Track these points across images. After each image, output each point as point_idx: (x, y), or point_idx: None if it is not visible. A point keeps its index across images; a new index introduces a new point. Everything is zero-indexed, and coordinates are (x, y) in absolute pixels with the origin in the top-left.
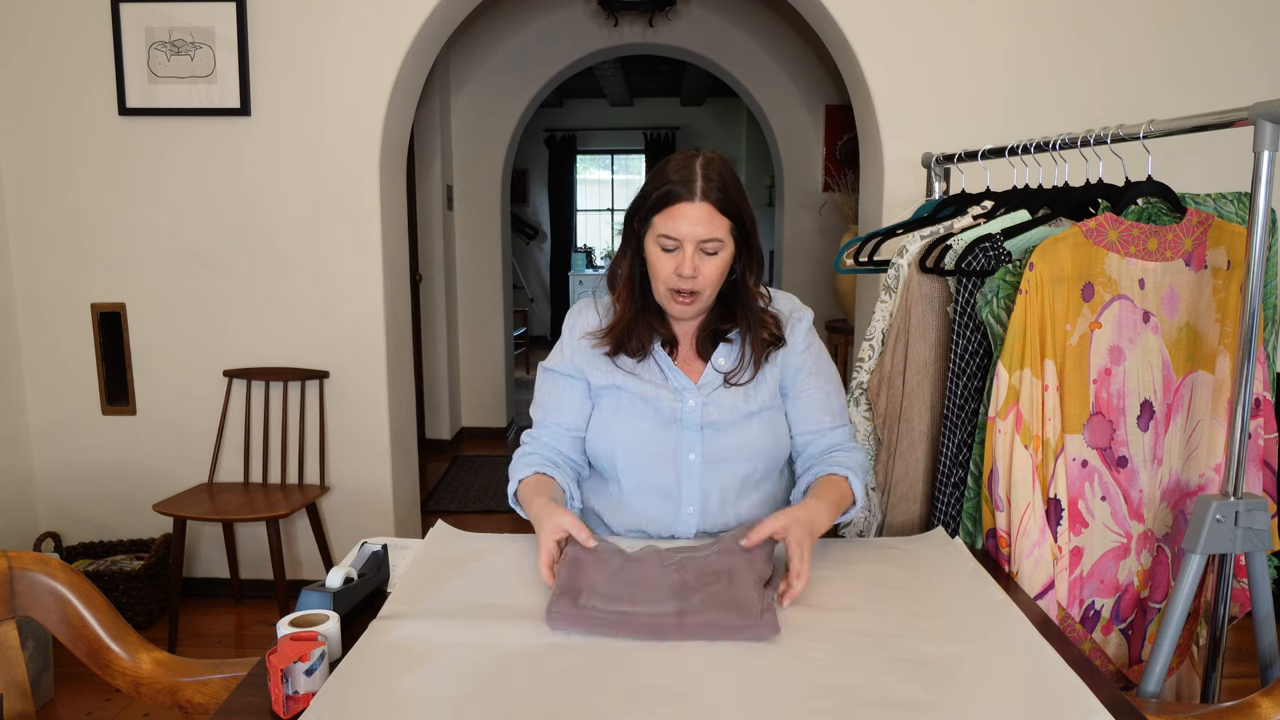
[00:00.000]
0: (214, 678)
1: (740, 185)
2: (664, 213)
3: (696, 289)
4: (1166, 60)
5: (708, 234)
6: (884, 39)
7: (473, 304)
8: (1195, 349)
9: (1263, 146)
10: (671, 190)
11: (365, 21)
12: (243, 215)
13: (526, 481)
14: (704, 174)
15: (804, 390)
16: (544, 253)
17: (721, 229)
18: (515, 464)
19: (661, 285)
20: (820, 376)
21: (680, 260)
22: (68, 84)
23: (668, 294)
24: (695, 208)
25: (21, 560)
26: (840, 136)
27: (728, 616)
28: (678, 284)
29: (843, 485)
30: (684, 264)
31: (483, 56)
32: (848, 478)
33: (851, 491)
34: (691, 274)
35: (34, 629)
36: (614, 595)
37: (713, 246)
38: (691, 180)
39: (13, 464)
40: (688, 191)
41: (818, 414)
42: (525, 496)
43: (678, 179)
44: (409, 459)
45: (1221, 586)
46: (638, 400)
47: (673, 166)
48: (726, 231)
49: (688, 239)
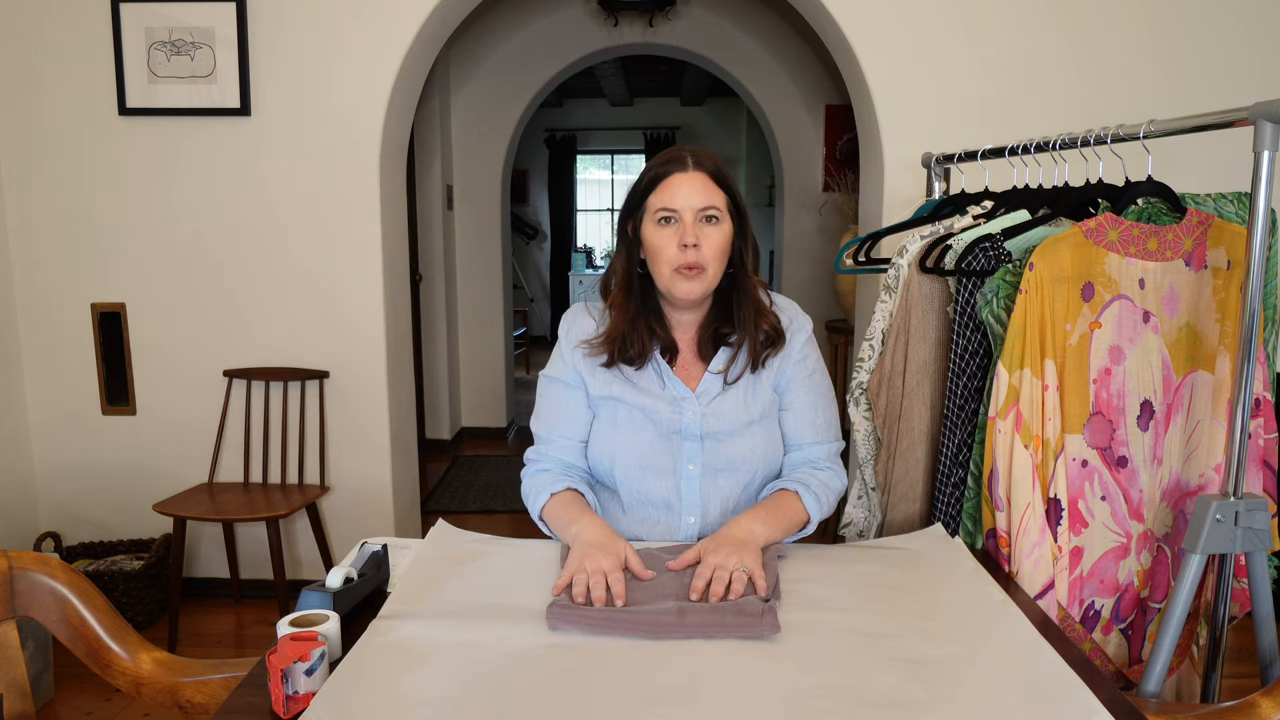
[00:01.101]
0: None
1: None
2: (659, 189)
3: (701, 261)
4: (1166, 60)
5: (705, 201)
6: (884, 39)
7: (473, 304)
8: (1195, 349)
9: (1263, 146)
10: (664, 169)
11: (365, 21)
12: (243, 215)
13: (559, 496)
14: (693, 153)
15: (792, 402)
16: (544, 253)
17: (718, 199)
18: (532, 481)
19: (665, 265)
20: (812, 391)
21: (682, 231)
22: (68, 84)
23: (672, 275)
24: (690, 176)
25: (21, 560)
26: (840, 136)
27: (728, 615)
28: (681, 258)
29: (790, 500)
30: (686, 233)
31: (483, 56)
32: (798, 492)
33: (802, 506)
34: (694, 242)
35: (34, 629)
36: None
37: (712, 213)
38: (682, 158)
39: (13, 464)
40: (680, 166)
41: (801, 428)
42: (559, 512)
43: (667, 160)
44: (409, 459)
45: (1221, 586)
46: (636, 412)
47: (660, 157)
48: (724, 204)
49: (685, 208)
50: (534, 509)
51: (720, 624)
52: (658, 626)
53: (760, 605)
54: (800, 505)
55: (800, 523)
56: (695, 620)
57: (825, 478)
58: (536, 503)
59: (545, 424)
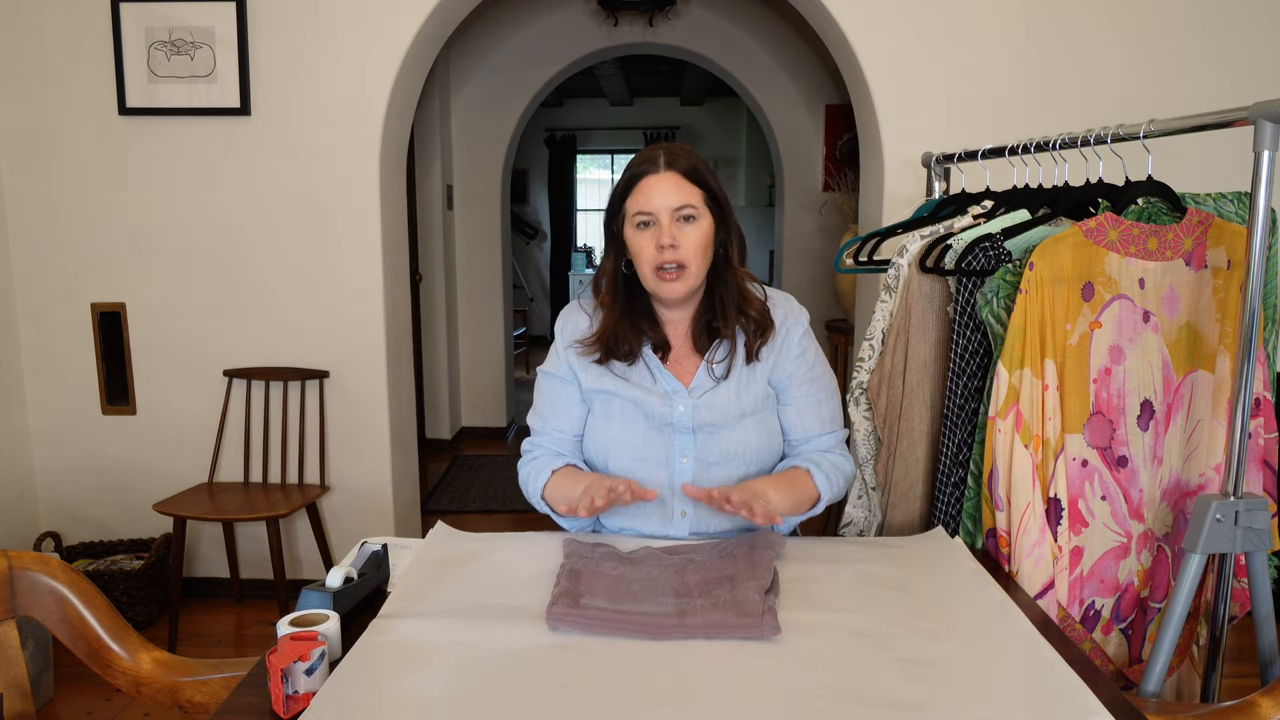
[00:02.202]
0: (214, 677)
1: (709, 165)
2: (634, 193)
3: (680, 260)
4: (1166, 60)
5: (679, 200)
6: (884, 39)
7: (473, 304)
8: (1195, 349)
9: (1263, 146)
10: (636, 171)
11: (365, 21)
12: (243, 215)
13: (560, 472)
14: (666, 152)
15: (795, 397)
16: (544, 252)
17: (694, 196)
18: (529, 467)
19: (646, 267)
20: (814, 384)
21: (659, 233)
22: (68, 84)
23: (654, 277)
24: (662, 178)
25: (21, 560)
26: (840, 136)
27: (729, 616)
28: (659, 258)
29: (802, 476)
30: (662, 234)
31: (483, 56)
32: (810, 470)
33: (813, 484)
34: (671, 243)
35: (34, 629)
36: (615, 596)
37: (688, 212)
38: (655, 158)
39: (13, 464)
40: (653, 166)
41: (807, 422)
42: (562, 483)
43: (641, 161)
44: (409, 459)
45: (1221, 586)
46: (629, 405)
47: (637, 158)
48: (700, 200)
49: (661, 210)
50: (535, 491)
51: (720, 625)
52: (658, 629)
53: (761, 605)
54: (811, 484)
55: (811, 500)
56: (696, 621)
57: (835, 460)
58: (537, 483)
59: (540, 417)
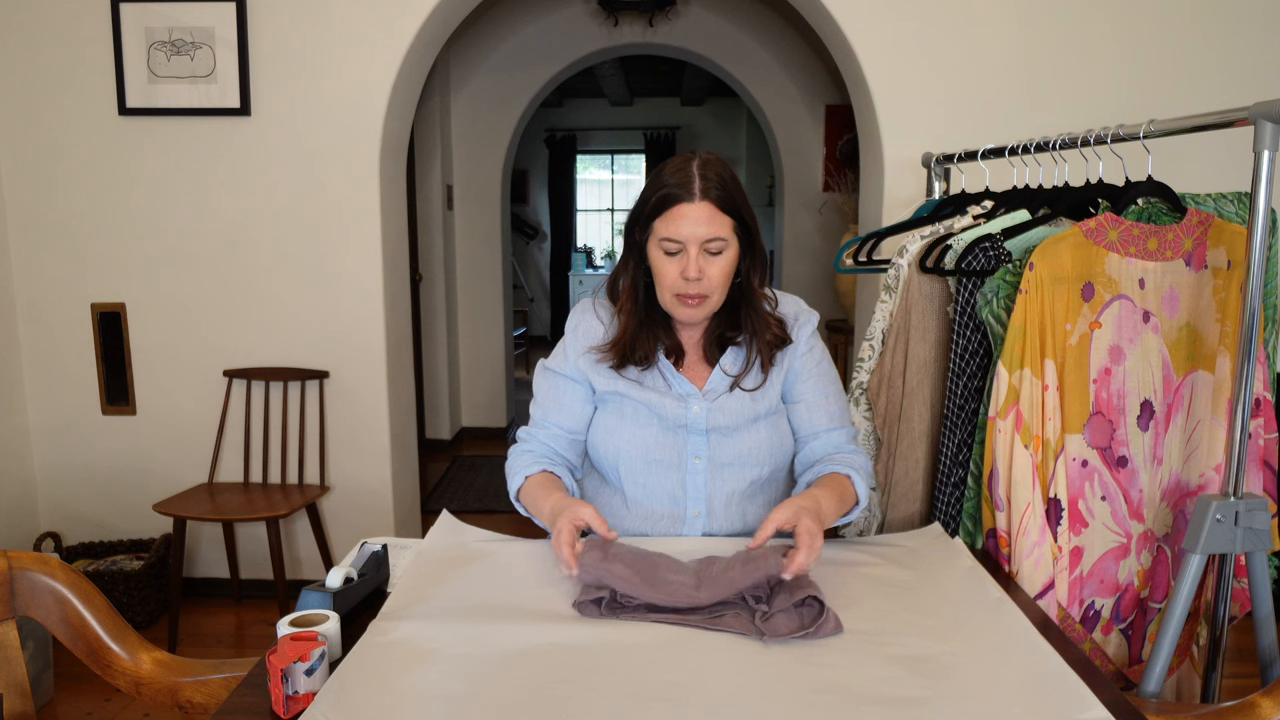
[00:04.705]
0: (214, 678)
1: (740, 185)
2: (664, 216)
3: (704, 292)
4: (1166, 60)
5: (710, 233)
6: (884, 39)
7: (473, 304)
8: (1195, 349)
9: (1263, 146)
10: (670, 193)
11: (365, 21)
12: (242, 215)
13: (534, 479)
14: (702, 174)
15: (804, 394)
16: (544, 253)
17: (724, 228)
18: (514, 461)
19: (667, 292)
20: (821, 380)
21: (685, 263)
22: (68, 84)
23: (674, 300)
24: (695, 208)
25: (21, 560)
26: (840, 136)
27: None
28: (684, 288)
29: (845, 483)
30: (689, 266)
31: (483, 56)
32: (850, 476)
33: (854, 490)
34: (697, 275)
35: (34, 629)
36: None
37: (716, 246)
38: (690, 181)
39: (13, 464)
40: (687, 192)
41: (816, 417)
42: (534, 493)
43: (675, 181)
44: (409, 459)
45: (1221, 586)
46: (641, 406)
47: (669, 170)
48: (729, 230)
49: (690, 240)
50: (511, 489)
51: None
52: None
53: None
54: (852, 489)
55: (852, 504)
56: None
57: (861, 460)
58: (513, 483)
59: (541, 409)
